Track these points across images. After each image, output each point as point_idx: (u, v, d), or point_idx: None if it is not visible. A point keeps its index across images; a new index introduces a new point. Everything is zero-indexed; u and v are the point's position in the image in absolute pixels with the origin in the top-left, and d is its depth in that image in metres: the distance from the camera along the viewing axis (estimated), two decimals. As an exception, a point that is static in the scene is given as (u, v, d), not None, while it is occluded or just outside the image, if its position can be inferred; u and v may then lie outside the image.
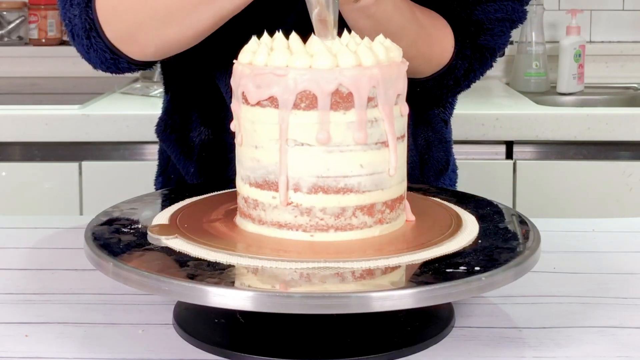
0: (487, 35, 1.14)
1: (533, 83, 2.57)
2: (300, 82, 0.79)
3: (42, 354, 0.80)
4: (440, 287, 0.74)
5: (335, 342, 0.81)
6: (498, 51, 1.17)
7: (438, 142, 1.26)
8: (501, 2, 1.13)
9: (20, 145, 2.14)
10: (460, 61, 1.14)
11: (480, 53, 1.15)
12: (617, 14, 2.78)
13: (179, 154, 1.24)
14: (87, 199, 2.14)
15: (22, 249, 1.08)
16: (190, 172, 1.23)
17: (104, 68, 1.09)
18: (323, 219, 0.82)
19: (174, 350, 0.80)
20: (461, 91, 1.21)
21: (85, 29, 1.05)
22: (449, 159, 1.29)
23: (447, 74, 1.14)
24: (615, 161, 2.15)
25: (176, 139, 1.24)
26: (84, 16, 1.05)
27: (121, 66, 1.08)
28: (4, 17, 2.81)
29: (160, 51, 1.05)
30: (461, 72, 1.15)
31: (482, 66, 1.17)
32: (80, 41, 1.06)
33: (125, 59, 1.06)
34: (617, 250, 1.08)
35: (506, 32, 1.16)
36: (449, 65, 1.13)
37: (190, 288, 0.73)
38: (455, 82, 1.16)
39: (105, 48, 1.05)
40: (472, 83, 1.19)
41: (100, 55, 1.06)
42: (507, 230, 0.89)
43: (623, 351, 0.80)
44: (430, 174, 1.26)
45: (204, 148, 1.21)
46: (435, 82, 1.15)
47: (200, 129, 1.22)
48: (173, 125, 1.24)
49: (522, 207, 2.12)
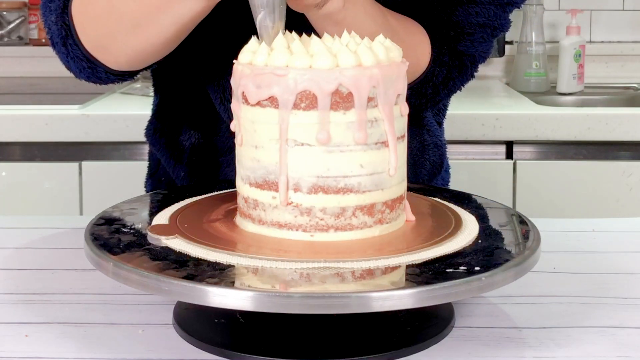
0: (466, 41, 1.12)
1: (533, 83, 2.57)
2: (300, 82, 0.79)
3: (42, 354, 0.80)
4: (440, 287, 0.73)
5: (335, 342, 0.80)
6: (479, 60, 1.14)
7: (434, 145, 1.25)
8: (483, 6, 1.11)
9: (20, 145, 2.14)
10: (438, 68, 1.11)
11: (460, 60, 1.13)
12: (617, 14, 2.78)
13: (169, 157, 1.23)
14: (87, 199, 2.14)
15: (22, 249, 1.08)
16: (181, 175, 1.23)
17: (84, 77, 1.09)
18: (323, 219, 0.82)
19: (174, 350, 0.80)
20: (440, 101, 1.17)
21: (61, 35, 1.05)
22: (443, 162, 1.29)
23: (425, 82, 1.11)
24: (615, 161, 2.15)
25: (166, 143, 1.23)
26: (60, 22, 1.05)
27: (100, 75, 1.07)
28: (4, 17, 2.81)
29: (133, 60, 1.04)
30: (439, 79, 1.12)
31: (462, 74, 1.14)
32: (59, 49, 1.07)
33: (103, 68, 1.05)
34: (617, 250, 1.08)
35: (487, 40, 1.13)
36: (426, 73, 1.11)
37: (190, 288, 0.73)
38: (434, 90, 1.13)
39: (82, 56, 1.05)
40: (452, 93, 1.16)
41: (78, 64, 1.06)
42: (507, 230, 0.89)
43: (623, 351, 0.80)
44: (425, 177, 1.26)
45: (194, 152, 1.21)
46: (413, 92, 1.11)
47: (190, 133, 1.21)
48: (162, 129, 1.24)
49: (522, 207, 2.12)
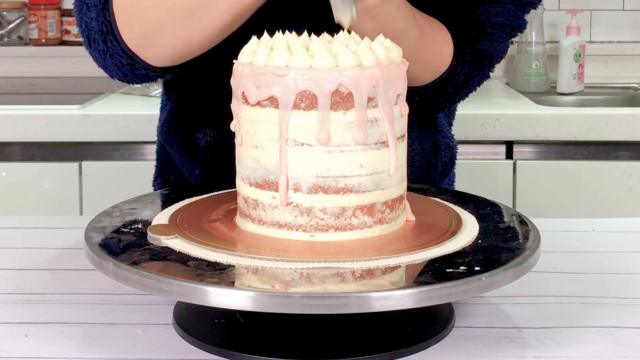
0: (486, 40, 1.14)
1: (533, 83, 2.57)
2: (300, 82, 0.79)
3: (42, 354, 0.80)
4: (440, 287, 0.74)
5: (335, 342, 0.80)
6: (496, 59, 1.17)
7: (446, 146, 1.26)
8: (503, 6, 1.14)
9: (20, 145, 2.14)
10: (460, 67, 1.14)
11: (479, 59, 1.15)
12: (617, 14, 2.78)
13: (183, 155, 1.23)
14: (87, 199, 2.14)
15: (22, 249, 1.08)
16: (195, 173, 1.23)
17: (120, 76, 1.08)
18: (323, 219, 0.82)
19: (174, 350, 0.80)
20: (459, 100, 1.20)
21: (102, 32, 1.04)
22: (454, 163, 1.30)
23: (447, 81, 1.14)
24: (615, 161, 2.15)
25: (180, 140, 1.23)
26: (101, 18, 1.04)
27: (138, 73, 1.07)
28: (4, 17, 2.81)
29: (178, 54, 1.04)
30: (461, 77, 1.14)
31: (480, 73, 1.17)
32: (97, 47, 1.05)
33: (142, 65, 1.05)
34: (617, 250, 1.08)
35: (505, 39, 1.16)
36: (449, 71, 1.13)
37: (190, 288, 0.73)
38: (454, 89, 1.15)
39: (122, 52, 1.04)
40: (470, 92, 1.18)
41: (116, 61, 1.05)
42: (507, 230, 0.89)
43: (623, 351, 0.80)
44: (437, 178, 1.27)
45: (209, 150, 1.21)
46: (435, 90, 1.14)
47: (206, 131, 1.21)
48: (177, 127, 1.24)
49: (522, 207, 2.12)
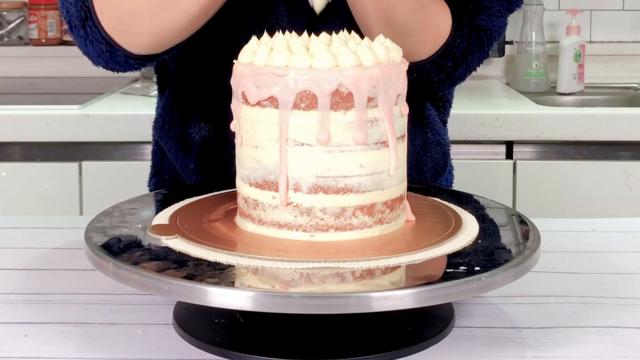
0: (484, 14, 1.14)
1: (533, 83, 2.57)
2: (300, 82, 0.79)
3: (42, 354, 0.80)
4: (440, 287, 0.74)
5: (335, 342, 0.80)
6: (495, 35, 1.16)
7: (436, 143, 1.26)
8: None
9: (20, 145, 2.14)
10: (459, 39, 1.13)
11: (478, 34, 1.15)
12: (617, 14, 2.78)
13: (178, 150, 1.23)
14: (87, 199, 2.13)
15: (23, 249, 1.08)
16: (190, 168, 1.22)
17: (102, 62, 1.09)
18: (323, 219, 0.82)
19: (174, 350, 0.80)
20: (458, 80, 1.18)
21: (81, 17, 1.06)
22: (446, 161, 1.29)
23: (445, 55, 1.13)
24: (615, 161, 2.15)
25: (175, 135, 1.23)
26: (80, 4, 1.06)
27: (118, 60, 1.08)
28: (4, 17, 2.81)
29: (155, 42, 1.05)
30: (460, 51, 1.14)
31: (479, 49, 1.16)
32: (77, 32, 1.07)
33: (122, 52, 1.06)
34: (617, 250, 1.08)
35: (503, 14, 1.16)
36: (447, 44, 1.12)
37: (190, 288, 0.73)
38: (453, 63, 1.14)
39: (102, 39, 1.06)
40: (468, 71, 1.17)
41: (97, 47, 1.07)
42: (507, 230, 0.89)
43: (623, 351, 0.80)
44: (428, 175, 1.26)
45: (204, 144, 1.21)
46: (434, 65, 1.13)
47: (200, 125, 1.21)
48: (171, 122, 1.24)
49: (522, 207, 2.12)
